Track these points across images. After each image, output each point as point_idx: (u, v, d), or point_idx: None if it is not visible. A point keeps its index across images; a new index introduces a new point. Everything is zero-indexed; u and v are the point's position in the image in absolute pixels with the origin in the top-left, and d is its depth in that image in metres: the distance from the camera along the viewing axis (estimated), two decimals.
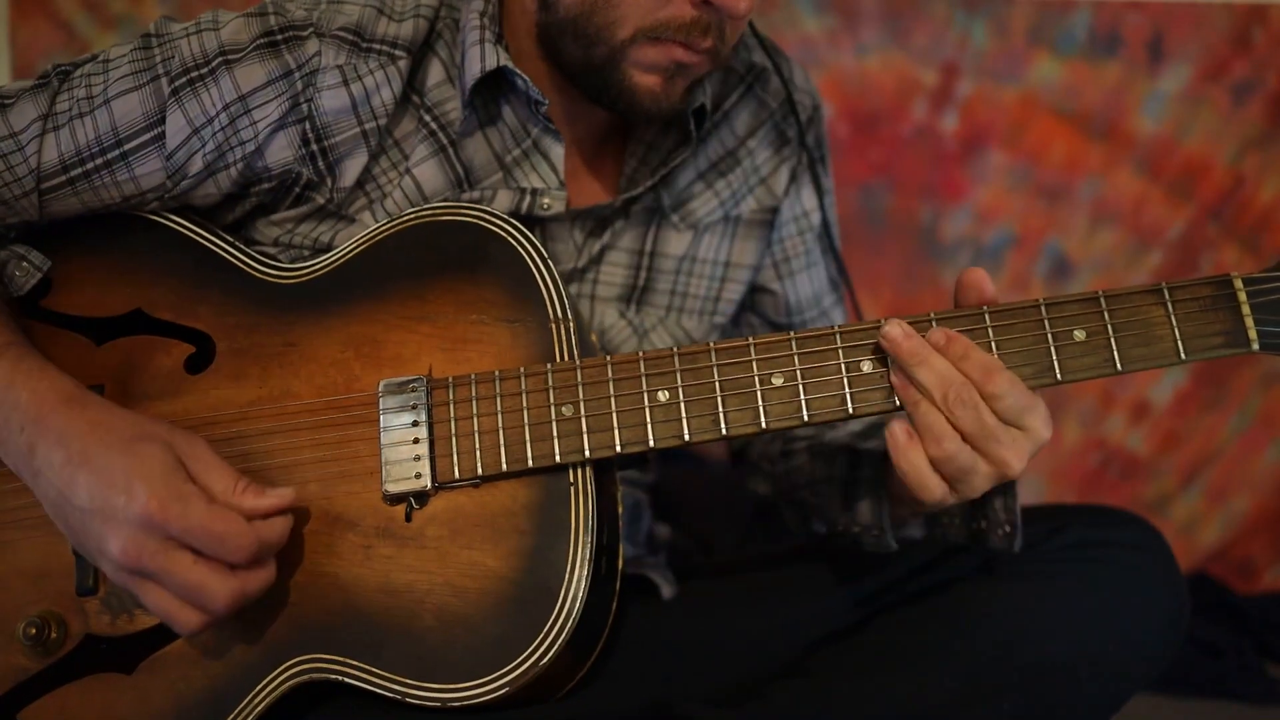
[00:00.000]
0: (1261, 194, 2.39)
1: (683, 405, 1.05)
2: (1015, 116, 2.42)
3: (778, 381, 1.05)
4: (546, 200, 1.23)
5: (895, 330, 1.02)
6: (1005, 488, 1.16)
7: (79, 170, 1.14)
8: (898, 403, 1.03)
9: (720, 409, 1.05)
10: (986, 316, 1.04)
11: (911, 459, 1.02)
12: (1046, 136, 2.42)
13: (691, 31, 1.11)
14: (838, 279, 1.48)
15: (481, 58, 1.17)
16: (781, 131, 1.39)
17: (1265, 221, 2.39)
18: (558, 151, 1.23)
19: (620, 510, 1.15)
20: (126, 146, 1.14)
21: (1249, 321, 1.03)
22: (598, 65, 1.15)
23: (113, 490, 0.98)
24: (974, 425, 1.00)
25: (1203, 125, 2.39)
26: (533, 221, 1.22)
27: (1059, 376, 1.03)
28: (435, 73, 1.21)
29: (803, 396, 1.05)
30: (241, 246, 1.19)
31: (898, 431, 1.02)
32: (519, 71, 1.18)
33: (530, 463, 1.05)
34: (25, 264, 1.16)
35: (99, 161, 1.14)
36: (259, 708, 1.04)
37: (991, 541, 1.18)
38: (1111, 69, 2.39)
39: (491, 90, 1.22)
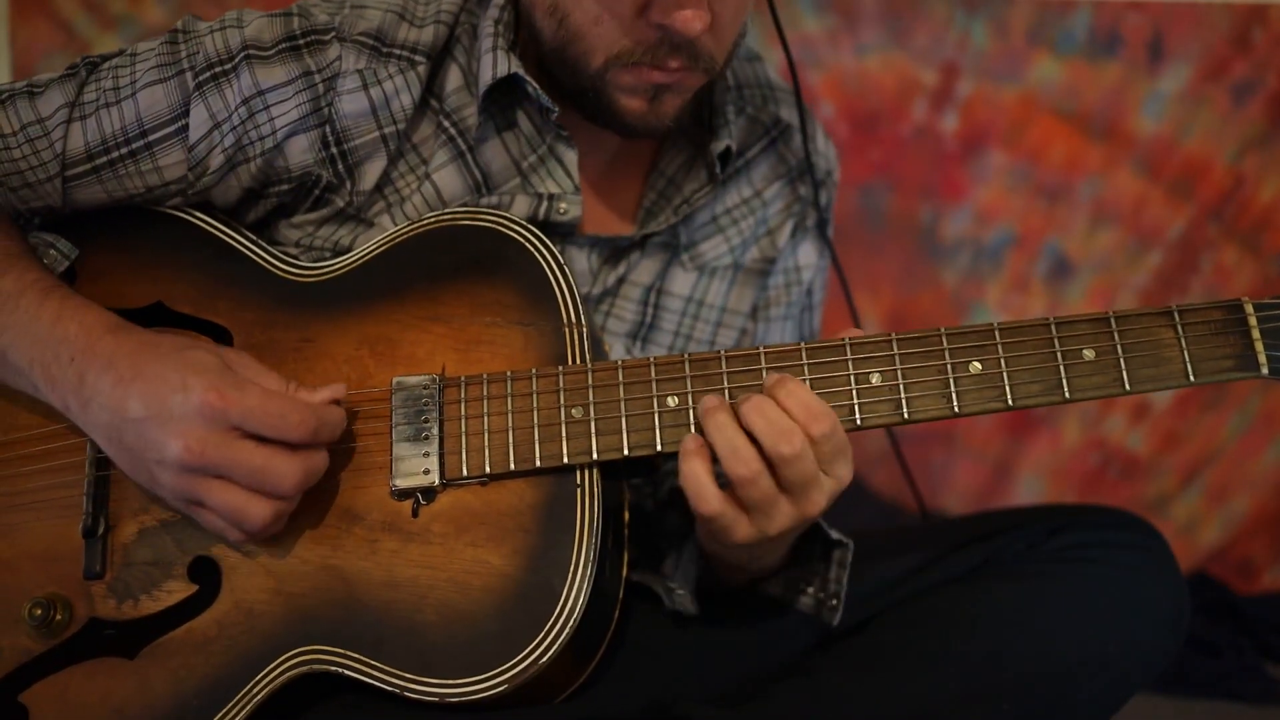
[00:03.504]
0: (1261, 194, 2.39)
1: (692, 411, 1.05)
2: (1015, 116, 2.42)
3: None
4: (563, 205, 1.24)
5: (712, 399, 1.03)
6: (841, 559, 1.18)
7: (104, 159, 1.16)
8: (906, 415, 1.04)
9: None
10: (996, 334, 1.05)
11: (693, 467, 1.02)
12: (1046, 136, 2.42)
13: (658, 54, 1.13)
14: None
15: (494, 64, 1.19)
16: (795, 188, 1.41)
17: (1265, 221, 2.39)
18: (571, 157, 1.25)
19: (627, 516, 1.16)
20: (151, 137, 1.16)
21: (1259, 346, 1.03)
22: (585, 90, 1.17)
23: (168, 390, 1.00)
24: (798, 475, 1.00)
25: (1203, 125, 2.39)
26: (550, 229, 1.23)
27: (1067, 395, 1.03)
28: (454, 78, 1.22)
29: None
30: (263, 244, 1.20)
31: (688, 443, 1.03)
32: (529, 79, 1.19)
33: (538, 462, 1.06)
34: (54, 251, 1.19)
35: (124, 150, 1.16)
36: (257, 698, 1.04)
37: (824, 614, 1.20)
38: (1111, 69, 2.39)
39: (506, 97, 1.23)
